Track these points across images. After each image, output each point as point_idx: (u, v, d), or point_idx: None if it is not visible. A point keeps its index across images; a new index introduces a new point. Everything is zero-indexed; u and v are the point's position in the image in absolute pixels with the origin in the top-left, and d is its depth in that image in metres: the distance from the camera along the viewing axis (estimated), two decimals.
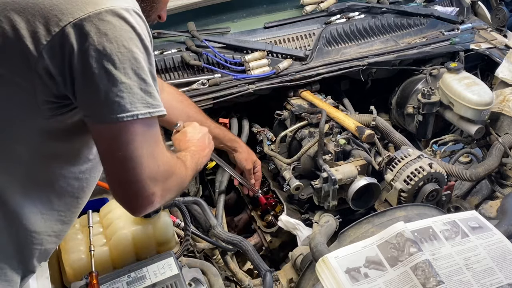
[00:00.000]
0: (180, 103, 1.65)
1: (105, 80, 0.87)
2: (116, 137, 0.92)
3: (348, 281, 1.17)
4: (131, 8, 0.90)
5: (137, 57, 0.89)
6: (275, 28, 2.15)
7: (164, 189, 1.01)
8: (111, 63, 0.87)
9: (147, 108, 0.92)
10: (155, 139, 0.97)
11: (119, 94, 0.88)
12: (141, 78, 0.91)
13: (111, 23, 0.86)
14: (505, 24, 2.41)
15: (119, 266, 1.32)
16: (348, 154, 1.77)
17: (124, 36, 0.88)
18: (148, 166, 0.95)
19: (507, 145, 1.95)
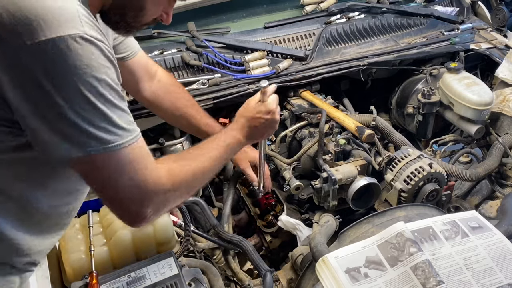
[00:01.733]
0: (168, 95, 1.54)
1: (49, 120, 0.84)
2: (81, 170, 0.93)
3: (348, 281, 1.17)
4: (78, 34, 0.83)
5: (86, 92, 0.84)
6: (275, 28, 2.15)
7: (158, 202, 1.00)
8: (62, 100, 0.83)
9: (102, 144, 0.88)
10: (125, 165, 0.93)
11: (72, 134, 0.86)
12: (91, 113, 0.86)
13: (58, 56, 0.81)
14: (505, 24, 2.41)
15: (119, 266, 1.32)
16: (348, 154, 1.77)
17: (74, 71, 0.83)
18: (128, 191, 0.94)
19: (507, 145, 1.95)
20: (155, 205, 1.00)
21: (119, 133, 0.89)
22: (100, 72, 0.85)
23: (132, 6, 0.99)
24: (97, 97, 0.85)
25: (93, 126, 0.86)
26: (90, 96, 0.84)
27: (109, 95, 0.87)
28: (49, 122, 0.85)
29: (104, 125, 0.87)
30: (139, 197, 0.96)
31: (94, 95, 0.85)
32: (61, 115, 0.84)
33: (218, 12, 2.16)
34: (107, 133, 0.88)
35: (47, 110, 0.84)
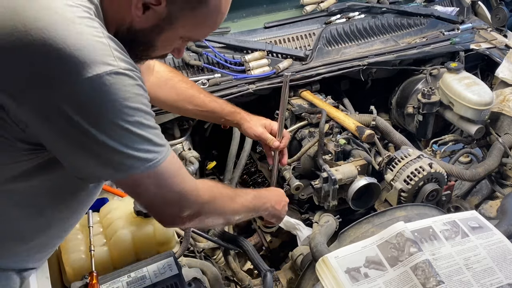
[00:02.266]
0: (168, 82, 1.52)
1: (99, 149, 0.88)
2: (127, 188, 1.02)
3: (348, 281, 1.17)
4: (113, 70, 0.85)
5: (124, 122, 0.88)
6: (275, 28, 2.15)
7: (195, 209, 1.08)
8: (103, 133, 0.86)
9: (144, 163, 0.93)
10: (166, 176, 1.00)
11: (117, 160, 0.90)
12: (132, 140, 0.90)
13: (95, 93, 0.83)
14: (505, 24, 2.41)
15: (119, 266, 1.32)
16: (348, 154, 1.77)
17: (111, 104, 0.85)
18: (169, 199, 1.02)
19: (507, 145, 1.95)
20: (191, 212, 1.07)
21: (157, 150, 0.95)
22: (135, 102, 0.89)
23: (141, 41, 1.00)
24: (135, 125, 0.89)
25: (135, 150, 0.91)
26: (129, 126, 0.88)
27: (145, 119, 0.91)
28: (92, 154, 0.88)
29: (145, 147, 0.92)
30: (178, 203, 1.04)
31: (132, 123, 0.89)
32: (103, 146, 0.87)
33: None
34: (148, 153, 0.93)
35: (89, 144, 0.87)
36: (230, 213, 1.24)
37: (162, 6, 0.92)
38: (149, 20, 0.95)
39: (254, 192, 1.38)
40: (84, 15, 0.86)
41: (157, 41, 1.00)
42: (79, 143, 0.87)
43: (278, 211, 1.44)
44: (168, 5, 0.93)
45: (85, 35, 0.84)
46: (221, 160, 1.95)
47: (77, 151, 0.88)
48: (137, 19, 0.94)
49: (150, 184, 0.97)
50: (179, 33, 1.01)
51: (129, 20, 0.95)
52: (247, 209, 1.29)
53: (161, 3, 0.92)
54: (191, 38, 1.07)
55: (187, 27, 0.99)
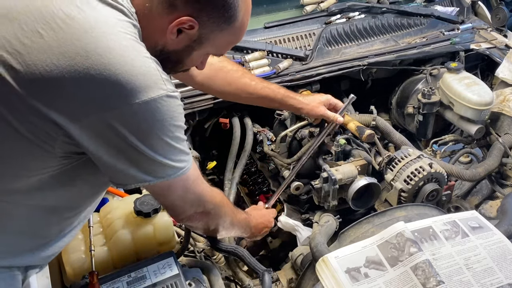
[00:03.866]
0: (218, 72, 1.58)
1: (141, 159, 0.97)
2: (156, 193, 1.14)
3: (348, 281, 1.17)
4: (164, 94, 0.93)
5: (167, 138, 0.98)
6: (275, 28, 2.15)
7: (207, 209, 1.21)
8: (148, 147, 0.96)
9: (176, 172, 1.03)
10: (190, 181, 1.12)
11: (154, 169, 1.00)
12: (172, 152, 1.00)
13: (145, 115, 0.92)
14: (505, 24, 2.41)
15: (119, 266, 1.32)
16: (348, 154, 1.77)
17: (158, 124, 0.94)
18: (189, 200, 1.15)
19: (507, 145, 1.95)
20: (204, 210, 1.20)
21: (187, 159, 1.05)
22: (178, 120, 0.99)
23: (171, 60, 1.08)
24: (176, 139, 1.00)
25: (174, 160, 1.01)
26: (171, 141, 0.99)
27: (181, 134, 1.02)
28: (137, 165, 0.98)
29: (180, 157, 1.03)
30: (197, 202, 1.17)
31: (174, 139, 0.99)
32: (149, 158, 0.97)
33: None
34: (181, 162, 1.04)
35: (137, 156, 0.96)
36: (229, 223, 1.35)
37: (194, 30, 1.00)
38: (182, 42, 1.03)
39: (245, 215, 1.46)
40: (134, 40, 0.94)
41: (185, 60, 1.10)
42: (128, 156, 0.95)
43: (254, 235, 1.55)
44: (200, 29, 1.01)
45: (138, 61, 0.91)
46: (221, 160, 1.95)
47: (125, 162, 0.96)
48: (170, 42, 1.02)
49: (178, 187, 1.09)
50: (207, 50, 1.11)
51: (162, 43, 1.03)
52: (236, 226, 1.41)
53: (194, 27, 1.00)
54: (217, 53, 1.17)
55: (215, 45, 1.09)
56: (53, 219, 1.10)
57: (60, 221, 1.13)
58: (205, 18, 0.99)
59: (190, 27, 0.99)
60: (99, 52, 0.87)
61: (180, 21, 0.98)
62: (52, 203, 1.06)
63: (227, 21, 1.02)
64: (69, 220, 1.15)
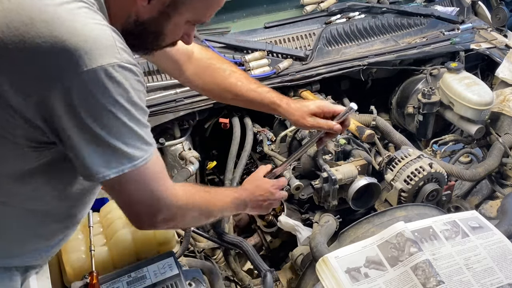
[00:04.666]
0: (206, 70, 1.46)
1: (89, 142, 0.88)
2: (110, 186, 0.98)
3: (348, 281, 1.17)
4: (117, 63, 0.86)
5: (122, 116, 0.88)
6: (275, 28, 2.15)
7: (170, 214, 1.06)
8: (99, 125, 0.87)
9: (131, 161, 0.92)
10: (148, 177, 0.98)
11: (107, 155, 0.90)
12: (125, 134, 0.90)
13: (96, 85, 0.84)
14: (505, 24, 2.41)
15: (119, 266, 1.32)
16: (348, 154, 1.77)
17: (111, 97, 0.86)
18: (146, 200, 1.00)
19: (507, 145, 1.95)
20: (167, 215, 1.05)
21: (145, 148, 0.94)
22: (135, 97, 0.89)
23: (150, 32, 1.01)
24: (132, 119, 0.90)
25: (127, 145, 0.91)
26: (126, 120, 0.89)
27: (140, 116, 0.92)
28: (87, 146, 0.88)
29: (135, 143, 0.92)
30: (155, 205, 1.02)
31: (129, 118, 0.89)
32: (99, 139, 0.88)
33: (218, 12, 2.12)
34: (137, 150, 0.93)
35: (85, 135, 0.87)
36: (205, 217, 1.23)
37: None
38: (155, 8, 0.96)
39: (234, 195, 1.31)
40: (87, 7, 0.87)
41: (165, 29, 1.01)
42: (77, 133, 0.87)
43: (255, 210, 1.39)
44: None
45: (89, 27, 0.84)
46: (221, 160, 1.94)
47: (76, 141, 0.88)
48: (142, 9, 0.95)
49: (131, 182, 0.96)
50: (186, 17, 1.01)
51: (135, 12, 0.96)
52: (224, 212, 1.30)
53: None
54: (198, 20, 1.06)
55: (192, 10, 1.00)
56: (47, 219, 1.08)
57: (55, 220, 1.11)
58: None
59: None
60: (44, 18, 0.82)
61: None
62: (44, 204, 1.04)
63: None
64: (67, 219, 1.13)
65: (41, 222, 1.07)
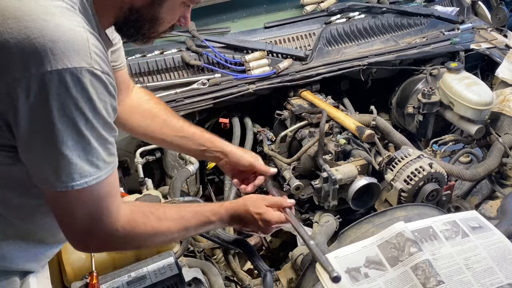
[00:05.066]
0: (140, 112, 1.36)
1: (42, 147, 0.83)
2: (53, 199, 0.91)
3: (348, 281, 1.17)
4: (85, 68, 0.81)
5: (81, 125, 0.83)
6: (275, 28, 2.16)
7: (104, 242, 1.00)
8: (55, 130, 0.82)
9: (83, 178, 0.86)
10: (95, 201, 0.92)
11: (56, 165, 0.84)
12: (81, 146, 0.85)
13: (56, 89, 0.79)
14: (505, 24, 2.41)
15: (119, 266, 1.32)
16: (348, 154, 1.77)
17: (71, 102, 0.81)
18: (83, 223, 0.93)
19: (507, 145, 1.95)
20: (101, 243, 1.00)
21: (101, 166, 0.88)
22: (99, 107, 0.85)
23: (146, 18, 0.98)
24: (91, 131, 0.85)
25: (81, 159, 0.85)
26: (84, 130, 0.84)
27: (102, 129, 0.87)
28: (40, 152, 0.84)
29: (90, 158, 0.86)
30: (91, 231, 0.95)
31: (88, 129, 0.84)
32: (52, 146, 0.83)
33: (218, 12, 2.16)
34: (91, 166, 0.87)
35: (40, 141, 0.83)
36: (156, 243, 1.12)
37: None
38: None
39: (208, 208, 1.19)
40: (66, 8, 0.85)
41: (160, 13, 0.98)
42: (31, 135, 0.83)
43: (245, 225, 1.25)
44: None
45: (63, 27, 0.81)
46: None
47: (32, 145, 0.84)
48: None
49: (76, 202, 0.89)
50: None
51: (127, 1, 0.94)
52: (191, 228, 1.14)
53: None
54: (191, 1, 1.03)
55: None
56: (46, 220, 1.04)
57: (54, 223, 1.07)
58: None
59: None
60: (16, 15, 0.80)
61: None
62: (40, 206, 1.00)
63: None
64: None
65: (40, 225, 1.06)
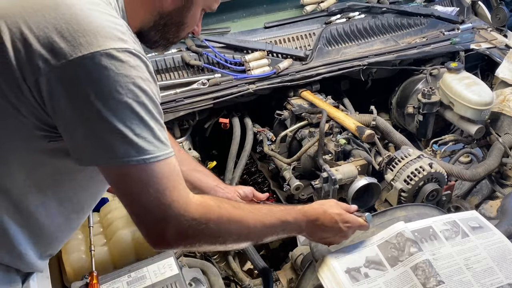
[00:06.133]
0: None
1: (99, 125, 0.85)
2: (114, 179, 0.92)
3: (348, 281, 1.17)
4: (128, 49, 0.86)
5: (131, 101, 0.86)
6: (275, 28, 2.16)
7: (181, 229, 0.94)
8: (107, 108, 0.84)
9: (140, 155, 0.87)
10: (157, 179, 0.90)
11: (113, 141, 0.86)
12: (137, 122, 0.87)
13: (106, 67, 0.83)
14: (505, 24, 2.41)
15: (119, 266, 1.32)
16: (348, 154, 1.77)
17: (120, 80, 0.84)
18: (153, 208, 0.91)
19: (507, 145, 1.95)
20: (177, 230, 0.94)
21: (157, 145, 0.89)
22: (145, 85, 0.87)
23: (174, 23, 1.04)
24: (141, 107, 0.87)
25: (135, 134, 0.86)
26: (135, 106, 0.86)
27: (151, 107, 0.89)
28: (93, 130, 0.86)
29: (145, 135, 0.88)
30: (162, 216, 0.92)
31: (138, 104, 0.86)
32: (105, 123, 0.85)
33: (218, 12, 2.13)
34: (147, 143, 0.88)
35: (92, 119, 0.85)
36: (232, 235, 1.03)
37: None
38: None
39: (282, 209, 1.15)
40: (105, 3, 0.92)
41: (187, 18, 1.05)
42: (81, 115, 0.85)
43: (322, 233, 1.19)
44: None
45: (107, 15, 0.88)
46: (221, 160, 1.95)
47: (78, 123, 0.86)
48: (168, 1, 0.99)
49: (137, 181, 0.89)
50: (202, 5, 1.07)
51: (160, 5, 1.00)
52: (265, 225, 1.08)
53: None
54: (210, 7, 1.11)
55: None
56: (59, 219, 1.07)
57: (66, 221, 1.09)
58: None
59: None
60: (67, 2, 0.86)
61: None
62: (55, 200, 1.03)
63: None
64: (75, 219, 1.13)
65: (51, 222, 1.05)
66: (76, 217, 1.13)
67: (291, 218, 1.13)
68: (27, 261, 1.06)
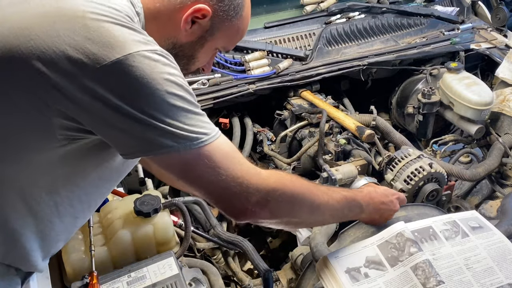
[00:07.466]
0: None
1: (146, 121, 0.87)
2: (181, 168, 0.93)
3: (348, 281, 1.17)
4: (155, 50, 0.89)
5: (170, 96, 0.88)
6: (275, 28, 2.16)
7: (261, 197, 0.97)
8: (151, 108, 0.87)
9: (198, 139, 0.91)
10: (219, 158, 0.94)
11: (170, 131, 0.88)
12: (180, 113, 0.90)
13: (140, 66, 0.85)
14: (505, 24, 2.41)
15: (119, 266, 1.32)
16: (348, 154, 1.77)
17: (157, 77, 0.87)
18: (227, 184, 0.94)
19: (507, 145, 1.95)
20: (257, 200, 0.97)
21: (209, 127, 0.93)
22: (179, 80, 0.90)
23: (185, 55, 1.06)
24: (181, 99, 0.89)
25: (181, 122, 0.89)
26: (174, 99, 0.88)
27: (190, 97, 0.92)
28: (142, 132, 0.88)
29: (192, 122, 0.90)
30: (240, 189, 0.95)
31: (177, 97, 0.89)
32: (151, 121, 0.87)
33: None
34: (199, 128, 0.91)
35: (140, 121, 0.87)
36: (308, 211, 1.07)
37: (206, 20, 1.01)
38: (195, 33, 1.03)
39: (346, 193, 1.18)
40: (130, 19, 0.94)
41: (198, 53, 1.08)
42: (125, 118, 0.87)
43: (376, 218, 1.28)
44: (212, 18, 1.02)
45: (129, 26, 0.90)
46: None
47: (124, 126, 0.88)
48: (184, 33, 1.02)
49: (202, 166, 0.91)
50: (217, 44, 1.09)
51: (175, 35, 1.03)
52: (333, 211, 1.13)
53: (206, 17, 1.01)
54: (225, 47, 1.13)
55: (224, 38, 1.08)
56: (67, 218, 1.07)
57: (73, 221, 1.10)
58: (216, 6, 1.01)
59: (203, 16, 1.00)
60: (92, 17, 0.88)
61: (195, 9, 0.99)
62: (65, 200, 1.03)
63: (235, 9, 1.04)
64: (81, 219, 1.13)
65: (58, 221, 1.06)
66: (82, 217, 1.14)
67: (354, 196, 1.19)
68: (30, 261, 1.06)
